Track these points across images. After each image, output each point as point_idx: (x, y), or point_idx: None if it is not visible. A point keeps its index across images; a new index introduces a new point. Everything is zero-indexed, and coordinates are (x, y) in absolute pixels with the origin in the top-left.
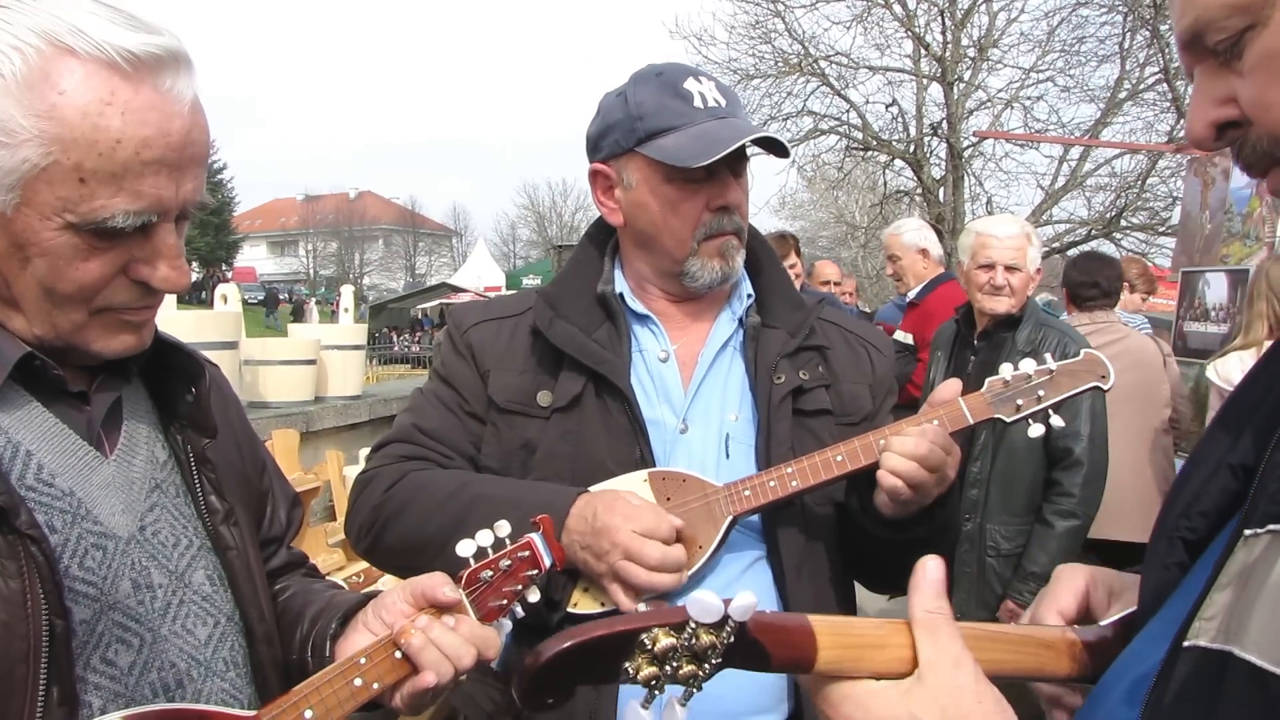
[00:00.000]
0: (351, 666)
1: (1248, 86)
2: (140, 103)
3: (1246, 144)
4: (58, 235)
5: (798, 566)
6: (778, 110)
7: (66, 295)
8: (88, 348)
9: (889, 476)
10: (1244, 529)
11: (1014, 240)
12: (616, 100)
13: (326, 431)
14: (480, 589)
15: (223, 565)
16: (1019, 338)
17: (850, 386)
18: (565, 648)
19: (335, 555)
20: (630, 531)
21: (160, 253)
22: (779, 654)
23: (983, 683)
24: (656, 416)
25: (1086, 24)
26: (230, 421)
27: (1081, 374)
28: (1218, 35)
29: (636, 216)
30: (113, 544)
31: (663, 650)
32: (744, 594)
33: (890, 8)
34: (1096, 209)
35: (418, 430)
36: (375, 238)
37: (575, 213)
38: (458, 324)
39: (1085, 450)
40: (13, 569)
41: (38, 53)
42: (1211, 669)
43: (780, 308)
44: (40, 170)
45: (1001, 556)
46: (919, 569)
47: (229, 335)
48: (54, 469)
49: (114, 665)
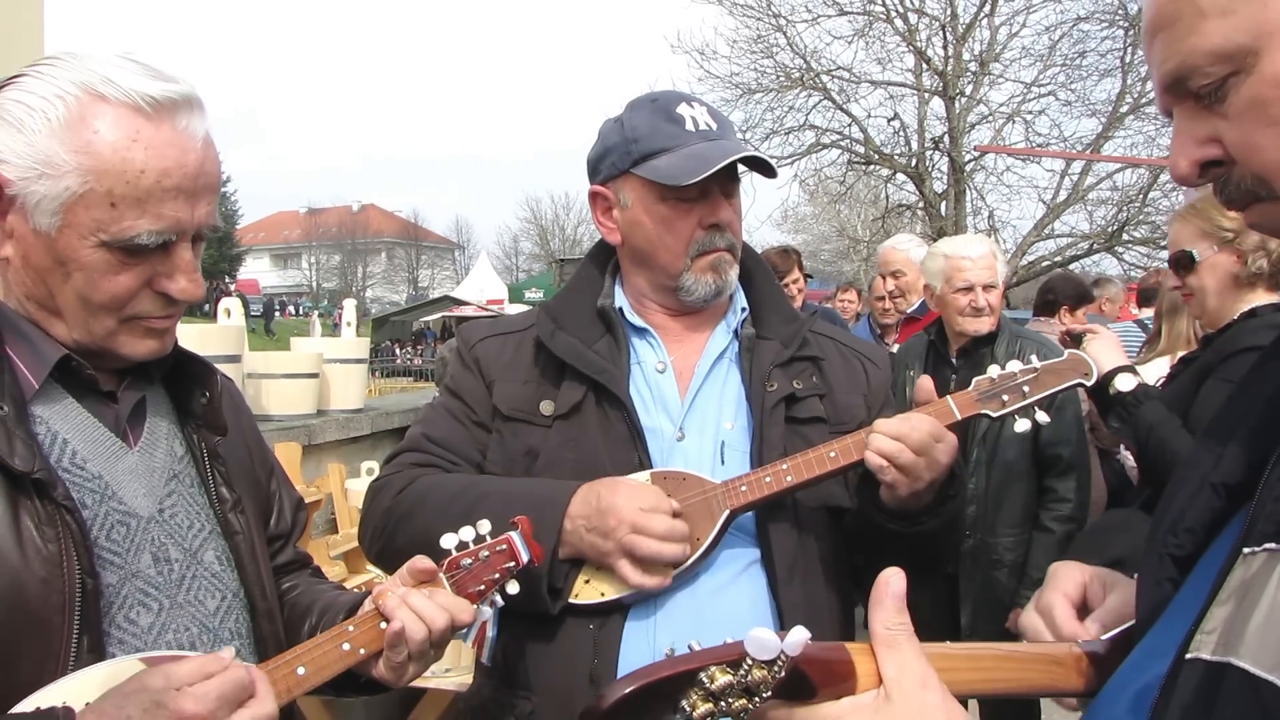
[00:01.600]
0: (341, 632)
1: (1233, 130)
2: (161, 139)
3: (1230, 181)
4: (94, 252)
5: (790, 570)
6: (780, 124)
7: (101, 304)
8: (118, 351)
9: (873, 456)
10: (1243, 547)
11: (986, 260)
12: (614, 125)
13: (329, 445)
14: (460, 574)
15: (230, 548)
16: (998, 351)
17: (844, 397)
18: (630, 691)
19: (338, 567)
20: (636, 507)
21: (179, 268)
22: (824, 685)
23: (950, 700)
24: (654, 425)
25: (1088, 38)
26: (242, 428)
27: (1065, 372)
28: (1201, 80)
29: (633, 234)
30: (135, 522)
31: (720, 688)
32: (797, 629)
33: (892, 22)
34: (1098, 223)
35: (427, 439)
36: (378, 251)
37: (578, 226)
38: (465, 340)
39: (1074, 454)
40: (51, 534)
41: (76, 100)
42: (1212, 680)
43: (774, 320)
44: (79, 197)
45: (1006, 568)
46: (880, 582)
47: (232, 349)
48: (86, 455)
49: (136, 624)
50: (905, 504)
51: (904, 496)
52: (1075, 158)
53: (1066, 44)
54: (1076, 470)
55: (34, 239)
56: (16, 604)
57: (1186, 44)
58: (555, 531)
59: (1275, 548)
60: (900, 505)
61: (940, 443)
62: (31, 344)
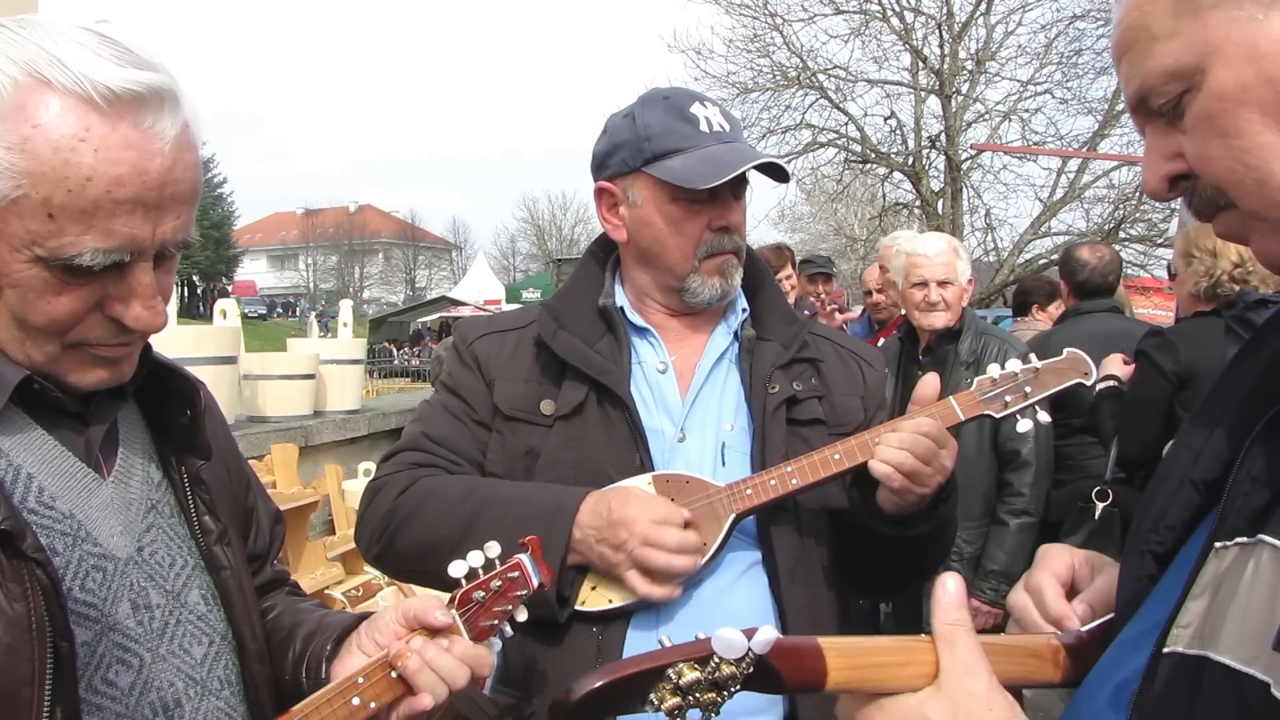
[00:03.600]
0: (350, 686)
1: (1190, 143)
2: (116, 140)
3: (1196, 193)
4: (27, 268)
5: (792, 571)
6: (776, 123)
7: (38, 328)
8: (64, 379)
9: (879, 464)
10: (1215, 542)
11: (942, 256)
12: (624, 121)
13: (325, 446)
14: (472, 609)
15: (216, 585)
16: (961, 349)
17: (842, 398)
18: (599, 685)
19: (334, 569)
20: (648, 520)
21: (135, 292)
22: (792, 677)
23: (995, 690)
24: (655, 425)
25: (1083, 36)
26: (218, 440)
27: (1066, 371)
28: (1160, 99)
29: (641, 233)
30: (112, 565)
31: (688, 684)
32: (765, 628)
33: (888, 21)
34: (1095, 221)
35: (426, 438)
36: (375, 251)
37: (574, 226)
38: (463, 336)
39: (1032, 450)
40: (18, 592)
41: (14, 83)
42: (1190, 673)
43: (774, 322)
44: (10, 202)
45: (965, 560)
46: (939, 586)
47: (228, 350)
48: (54, 491)
49: (114, 686)
50: (899, 506)
51: (906, 502)
52: (1071, 155)
53: (1062, 42)
54: (1033, 465)
55: None
56: None
57: (1144, 66)
58: (564, 541)
59: (1247, 541)
60: (896, 509)
61: (945, 448)
62: None
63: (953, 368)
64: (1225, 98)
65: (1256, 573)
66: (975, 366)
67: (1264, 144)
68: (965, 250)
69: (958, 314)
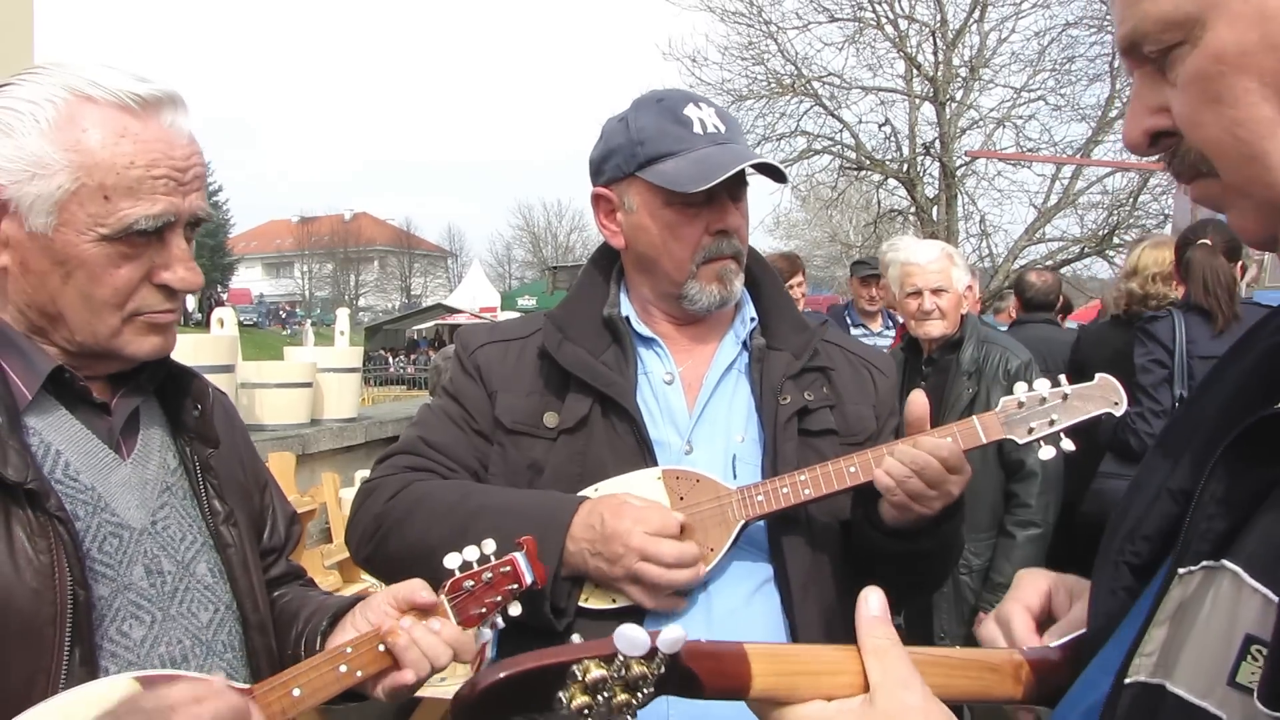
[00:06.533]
0: (339, 654)
1: (1179, 102)
2: (149, 134)
3: (1177, 153)
4: (92, 247)
5: (804, 587)
6: (771, 131)
7: (104, 301)
8: (123, 351)
9: (883, 476)
10: (1178, 567)
11: (936, 264)
12: (618, 125)
13: (323, 454)
14: (462, 596)
15: (222, 561)
16: (963, 357)
17: (854, 407)
18: (499, 679)
19: (332, 576)
20: (643, 533)
21: (176, 257)
22: (711, 682)
23: (931, 701)
24: (662, 438)
25: (1077, 44)
26: (236, 443)
27: (1095, 398)
28: (1152, 46)
29: (637, 239)
30: (128, 533)
31: (594, 681)
32: (672, 627)
33: (882, 29)
34: (1089, 227)
35: (423, 443)
36: (370, 259)
37: (570, 233)
38: (465, 345)
39: (1037, 460)
40: (43, 545)
41: (65, 102)
42: (1150, 704)
43: (784, 330)
44: (71, 194)
45: (974, 572)
46: (861, 602)
47: (225, 359)
48: (79, 467)
49: (128, 637)
50: (901, 521)
51: (907, 517)
52: (1065, 162)
53: (1056, 49)
54: (1040, 476)
55: (31, 243)
56: (7, 614)
57: (1140, 8)
58: (557, 554)
59: (1211, 565)
60: (898, 523)
61: (957, 474)
62: (24, 355)
63: (954, 376)
64: (1224, 59)
65: (1215, 601)
66: (977, 376)
67: (1259, 117)
68: (961, 256)
69: (955, 322)
